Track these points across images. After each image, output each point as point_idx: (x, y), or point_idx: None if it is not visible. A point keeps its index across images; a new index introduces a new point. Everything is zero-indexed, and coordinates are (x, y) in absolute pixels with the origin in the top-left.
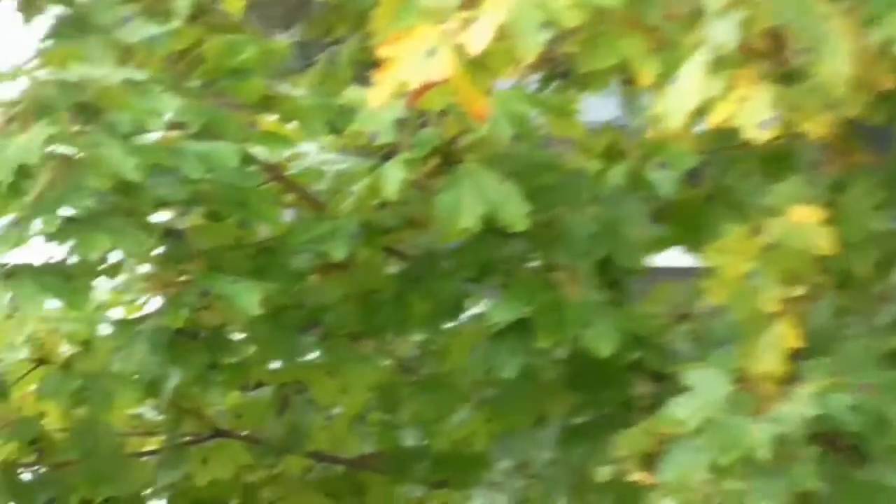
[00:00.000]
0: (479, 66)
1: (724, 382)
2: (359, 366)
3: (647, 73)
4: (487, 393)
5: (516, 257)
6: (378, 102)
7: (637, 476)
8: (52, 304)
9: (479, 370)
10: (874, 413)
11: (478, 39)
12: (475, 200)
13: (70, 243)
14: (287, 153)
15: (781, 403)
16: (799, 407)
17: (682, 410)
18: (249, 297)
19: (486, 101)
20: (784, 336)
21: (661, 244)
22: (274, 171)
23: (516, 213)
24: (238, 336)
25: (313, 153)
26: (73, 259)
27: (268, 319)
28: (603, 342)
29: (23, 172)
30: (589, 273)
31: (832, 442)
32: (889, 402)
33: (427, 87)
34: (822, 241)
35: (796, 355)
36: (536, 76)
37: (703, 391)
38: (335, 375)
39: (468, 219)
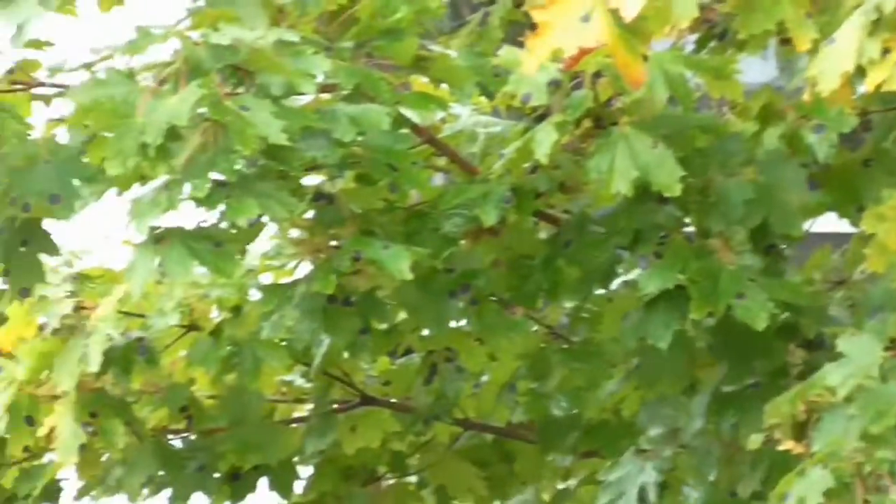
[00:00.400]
0: (633, 31)
1: (877, 349)
2: (508, 333)
3: (804, 36)
4: (638, 361)
5: (670, 223)
6: (532, 69)
7: (788, 445)
8: (202, 270)
9: (631, 339)
10: None
11: (632, 4)
12: (628, 164)
13: (219, 208)
14: (439, 115)
15: None
16: None
17: (833, 377)
18: (400, 262)
19: (641, 66)
20: None
21: (817, 209)
22: (426, 133)
23: (670, 177)
24: (389, 301)
25: (466, 115)
26: (223, 224)
27: (418, 285)
28: (757, 314)
29: (172, 135)
30: (744, 240)
31: None
32: None
33: (582, 54)
34: None
35: None
36: (692, 38)
37: (855, 358)
38: (484, 342)
39: (621, 183)
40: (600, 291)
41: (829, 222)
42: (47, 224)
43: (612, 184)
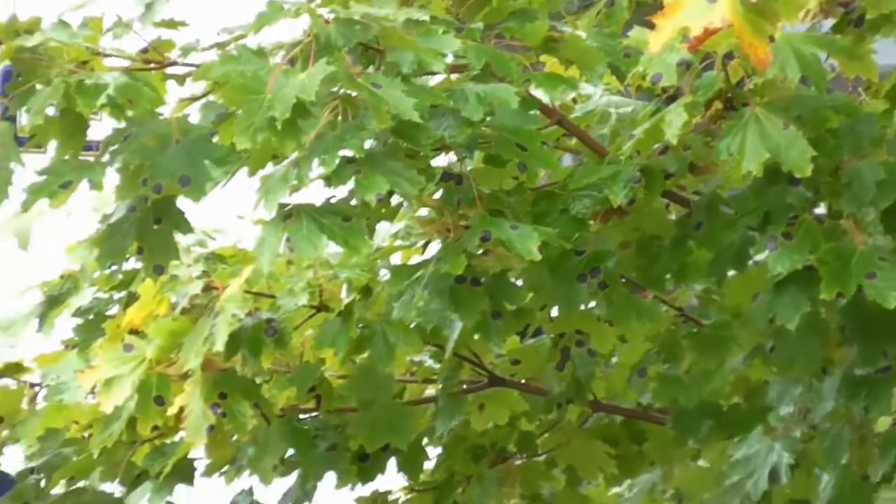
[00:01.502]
0: (760, 12)
1: None
2: (638, 315)
3: None
4: (769, 343)
5: (800, 204)
6: (658, 48)
7: None
8: (332, 250)
9: (762, 320)
10: None
11: None
12: (759, 145)
13: (348, 184)
14: (569, 96)
15: None
16: None
17: None
18: (529, 242)
19: (767, 47)
20: None
21: None
22: (556, 114)
23: (801, 158)
24: (518, 283)
25: (596, 96)
26: (353, 201)
27: (548, 267)
28: (888, 293)
29: (300, 110)
30: (876, 221)
31: None
32: None
33: (708, 34)
34: None
35: None
36: (829, 22)
37: None
38: (614, 325)
39: (751, 164)
40: (731, 273)
41: None
42: (181, 202)
43: (743, 165)
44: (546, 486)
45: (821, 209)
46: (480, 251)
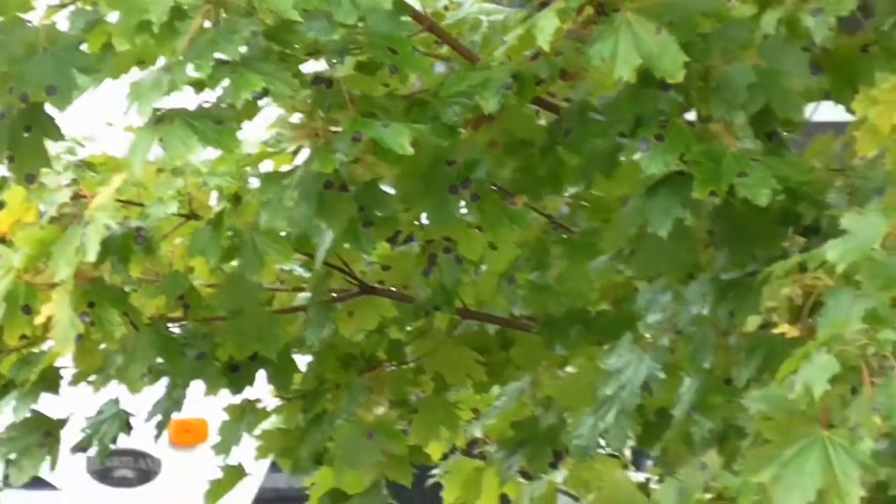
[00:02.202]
0: None
1: (880, 225)
2: (508, 222)
3: None
4: (637, 249)
5: (671, 109)
6: None
7: (783, 328)
8: (202, 157)
9: (632, 225)
10: None
11: None
12: (631, 51)
13: (221, 86)
14: (441, 3)
15: None
16: None
17: (831, 253)
18: (401, 138)
19: None
20: None
21: (819, 94)
22: (427, 21)
23: (673, 63)
24: (388, 190)
25: (468, 3)
26: (224, 104)
27: (419, 175)
28: (760, 191)
29: (177, 13)
30: (745, 125)
31: None
32: None
33: None
34: None
35: None
36: None
37: (857, 234)
38: (484, 232)
39: (623, 69)
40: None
41: (829, 111)
42: (50, 109)
43: (615, 70)
44: (415, 393)
45: (691, 115)
46: (350, 158)
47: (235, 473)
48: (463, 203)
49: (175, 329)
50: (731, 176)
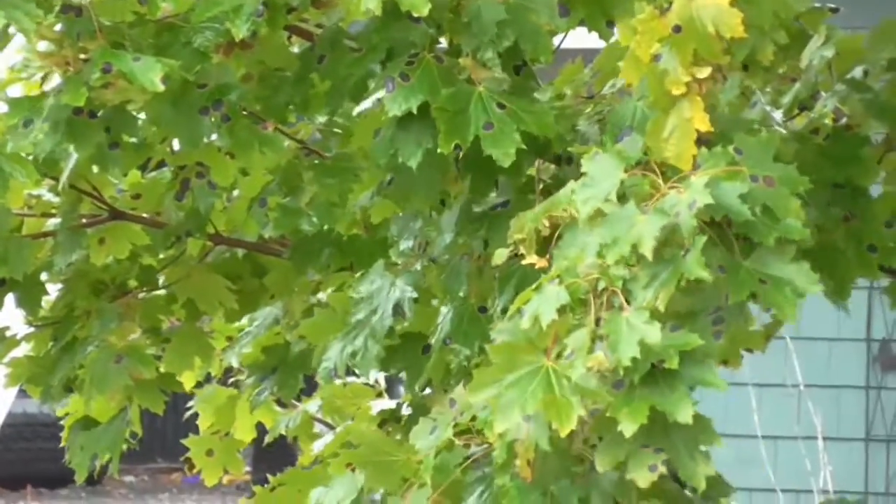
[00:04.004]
0: None
1: (618, 172)
2: (260, 147)
3: None
4: (390, 177)
5: (422, 41)
6: None
7: (531, 259)
8: None
9: (383, 156)
10: (764, 203)
11: None
12: None
13: None
14: None
15: (675, 191)
16: (691, 195)
17: (578, 196)
18: (151, 74)
19: None
20: (690, 119)
21: (569, 25)
22: None
23: None
24: (139, 115)
25: None
26: None
27: (169, 99)
28: (504, 148)
29: None
30: (494, 58)
31: (722, 231)
32: (782, 196)
33: None
34: (731, 22)
35: (701, 140)
36: None
37: (597, 179)
38: (235, 157)
39: (370, 1)
40: (353, 107)
41: (580, 38)
42: None
43: (361, 1)
44: (168, 321)
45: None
46: (101, 84)
47: None
48: (214, 127)
49: None
50: (476, 127)
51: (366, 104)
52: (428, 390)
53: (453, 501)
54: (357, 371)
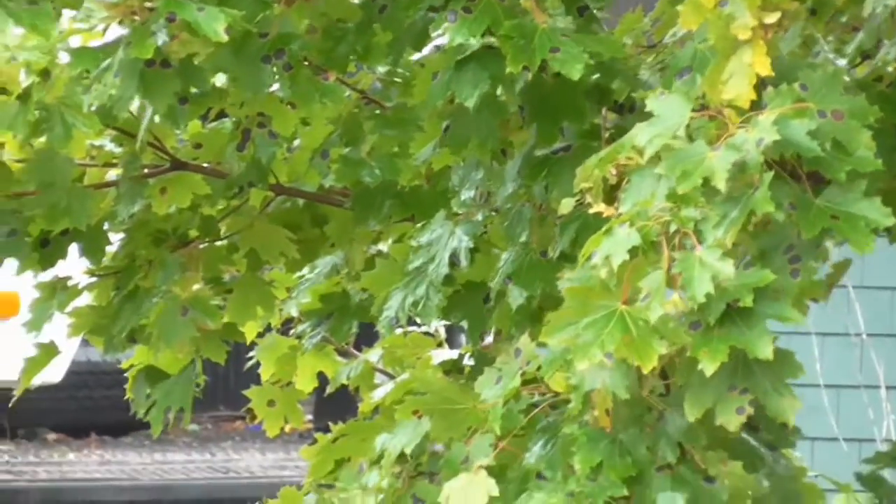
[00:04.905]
0: None
1: (685, 109)
2: (321, 97)
3: None
4: (448, 123)
5: None
6: None
7: (599, 208)
8: (16, 32)
9: (440, 97)
10: (834, 138)
11: None
12: None
13: None
14: None
15: (743, 130)
16: (759, 133)
17: (640, 137)
18: (215, 24)
19: None
20: (752, 63)
21: None
22: None
23: None
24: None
25: None
26: None
27: (232, 49)
28: (573, 65)
29: None
30: (556, 2)
31: (792, 169)
32: (851, 129)
33: None
34: None
35: (763, 84)
36: None
37: (663, 118)
38: (297, 107)
39: None
40: (415, 56)
41: None
42: None
43: None
44: (229, 272)
45: None
46: (167, 35)
47: (48, 351)
48: (276, 76)
49: None
50: (543, 51)
51: (427, 50)
52: (489, 339)
53: (518, 449)
54: (418, 320)
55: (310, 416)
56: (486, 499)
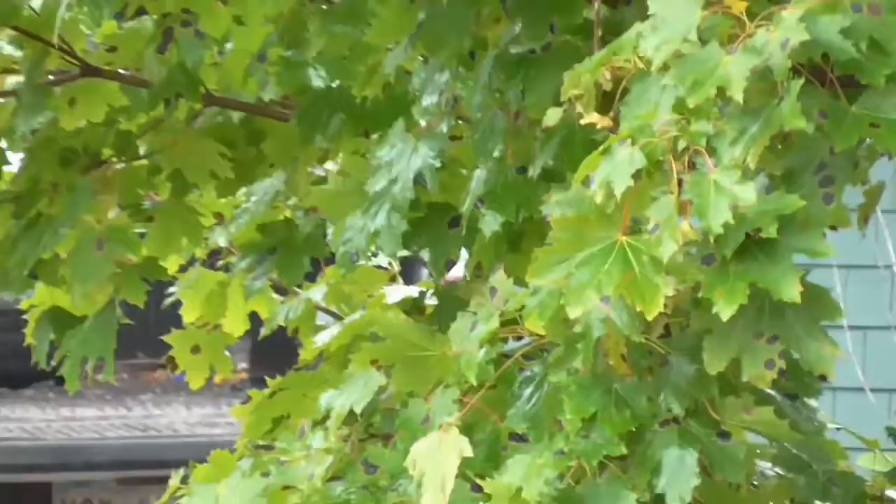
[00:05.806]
0: None
1: (694, 9)
2: None
3: None
4: (421, 20)
5: None
6: None
7: (592, 119)
8: None
9: None
10: (871, 36)
11: None
12: None
13: None
14: None
15: (763, 30)
16: (783, 32)
17: (648, 42)
18: None
19: None
20: None
21: None
22: None
23: None
24: None
25: None
26: None
27: None
28: None
29: None
30: None
31: (822, 73)
32: (891, 25)
33: None
34: None
35: None
36: None
37: (669, 21)
38: (228, 3)
39: None
40: None
41: None
42: None
43: None
44: (149, 197)
45: None
46: None
47: None
48: None
49: None
50: None
51: None
52: (454, 272)
53: (494, 407)
54: (380, 252)
55: (244, 365)
56: (458, 461)
